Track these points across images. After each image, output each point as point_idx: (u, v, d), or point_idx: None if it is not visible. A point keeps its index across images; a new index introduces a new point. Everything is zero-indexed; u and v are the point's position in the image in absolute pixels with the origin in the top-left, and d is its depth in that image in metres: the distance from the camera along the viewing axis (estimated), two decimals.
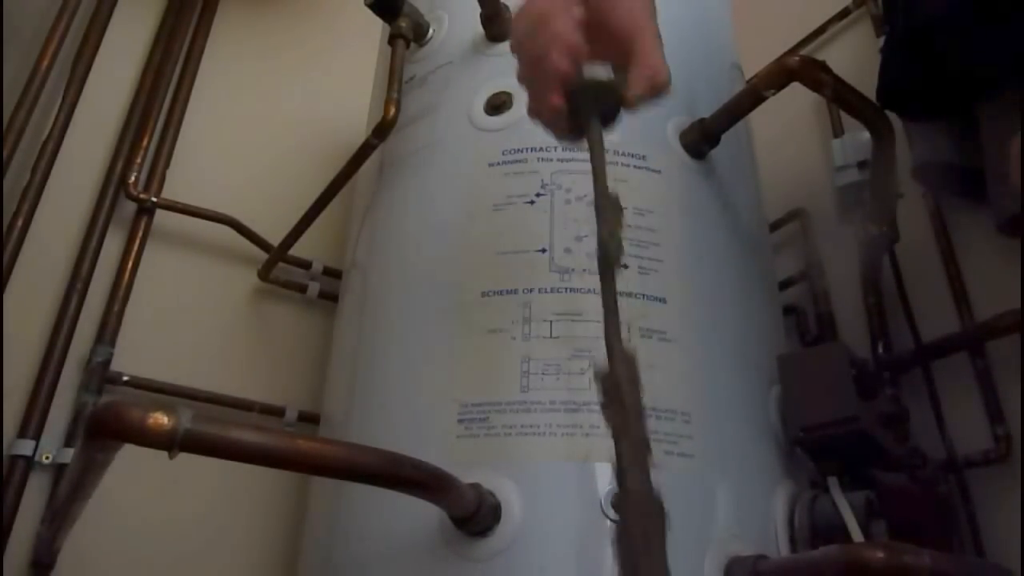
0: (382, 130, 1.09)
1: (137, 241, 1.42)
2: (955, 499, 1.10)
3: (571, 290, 0.89)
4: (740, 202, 1.11)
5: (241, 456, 0.59)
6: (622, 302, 0.89)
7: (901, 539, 0.72)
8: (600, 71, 0.67)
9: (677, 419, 0.84)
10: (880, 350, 1.27)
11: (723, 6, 1.36)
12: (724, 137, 1.05)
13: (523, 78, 0.73)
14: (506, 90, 1.05)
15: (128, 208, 1.44)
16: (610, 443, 0.57)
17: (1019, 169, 0.74)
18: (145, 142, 1.48)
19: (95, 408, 0.56)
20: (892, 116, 1.08)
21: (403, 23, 1.15)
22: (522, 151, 0.99)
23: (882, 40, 1.35)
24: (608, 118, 0.70)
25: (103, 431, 0.55)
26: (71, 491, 0.67)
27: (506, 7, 1.10)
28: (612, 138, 1.00)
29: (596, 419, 0.81)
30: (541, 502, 0.79)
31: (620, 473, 0.55)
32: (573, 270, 0.90)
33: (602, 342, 0.60)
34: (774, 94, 0.98)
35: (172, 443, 0.55)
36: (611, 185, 0.68)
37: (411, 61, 1.19)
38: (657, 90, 0.67)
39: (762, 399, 0.94)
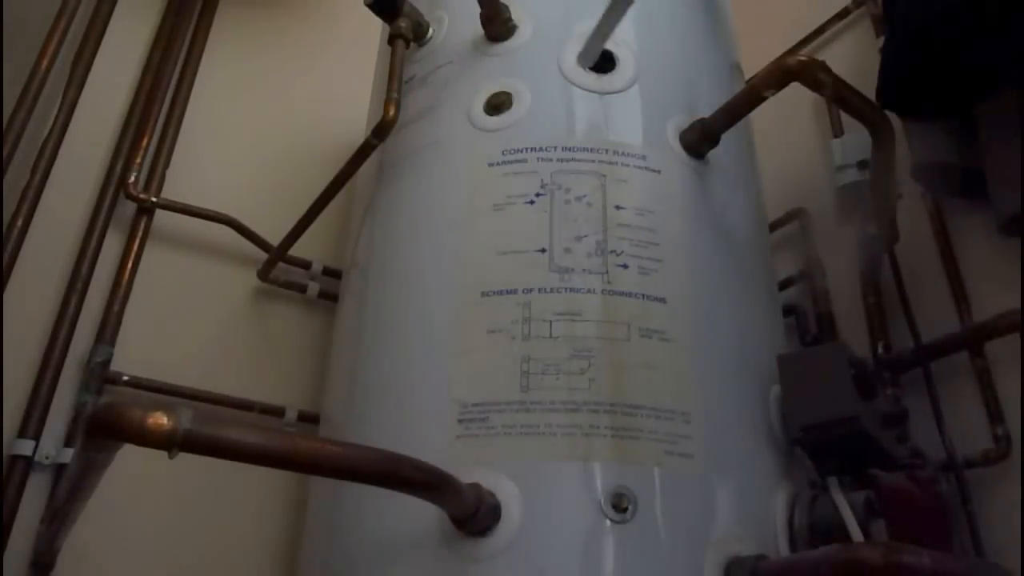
0: (382, 130, 1.09)
1: (137, 241, 1.42)
2: (955, 499, 1.10)
3: (571, 290, 0.89)
4: (740, 202, 1.11)
5: (241, 456, 0.59)
6: (622, 302, 0.90)
7: (901, 539, 0.72)
8: None
9: (677, 419, 0.84)
10: (880, 350, 1.27)
11: (724, 6, 1.36)
12: (724, 137, 1.05)
13: None
14: (506, 90, 1.05)
15: (128, 208, 1.44)
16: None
17: None
18: (145, 142, 1.48)
19: (95, 408, 0.56)
20: (892, 116, 1.08)
21: (403, 23, 1.15)
22: (522, 151, 0.99)
23: (882, 40, 1.36)
24: None
25: (103, 431, 0.55)
26: (71, 491, 0.67)
27: (506, 7, 1.10)
28: (612, 138, 1.01)
29: (596, 419, 0.81)
30: (541, 502, 0.79)
31: None
32: (573, 270, 0.90)
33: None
34: (774, 94, 0.98)
35: (172, 443, 0.55)
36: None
37: (411, 61, 1.19)
38: None
39: (762, 399, 0.94)
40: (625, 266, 0.91)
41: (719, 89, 1.16)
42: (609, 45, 1.08)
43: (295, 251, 1.44)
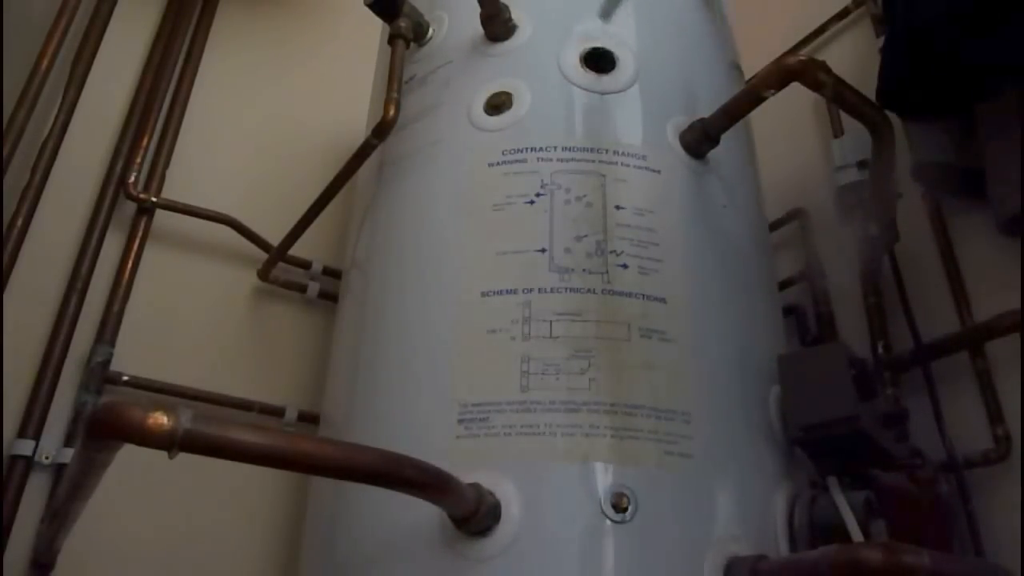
0: (382, 130, 1.09)
1: (137, 241, 1.42)
2: (955, 499, 1.10)
3: (571, 290, 0.89)
4: (740, 202, 1.11)
5: (241, 456, 0.59)
6: (622, 302, 0.90)
7: (901, 539, 0.72)
8: None
9: (677, 419, 0.84)
10: (880, 350, 1.27)
11: (723, 6, 1.36)
12: (724, 137, 1.05)
13: None
14: (506, 90, 1.05)
15: (128, 208, 1.44)
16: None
17: None
18: (145, 142, 1.48)
19: (95, 408, 0.56)
20: (892, 116, 1.08)
21: (403, 23, 1.15)
22: (522, 151, 0.99)
23: (882, 40, 1.36)
24: None
25: (103, 431, 0.56)
26: (71, 491, 0.67)
27: (506, 7, 1.10)
28: (612, 138, 1.01)
29: (596, 419, 0.81)
30: (541, 502, 0.79)
31: None
32: (573, 270, 0.90)
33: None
34: (774, 94, 0.98)
35: (172, 443, 0.55)
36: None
37: (411, 61, 1.19)
38: None
39: (762, 399, 0.94)
40: (625, 266, 0.91)
41: (719, 89, 1.16)
42: (609, 45, 1.08)
43: (295, 251, 1.44)
